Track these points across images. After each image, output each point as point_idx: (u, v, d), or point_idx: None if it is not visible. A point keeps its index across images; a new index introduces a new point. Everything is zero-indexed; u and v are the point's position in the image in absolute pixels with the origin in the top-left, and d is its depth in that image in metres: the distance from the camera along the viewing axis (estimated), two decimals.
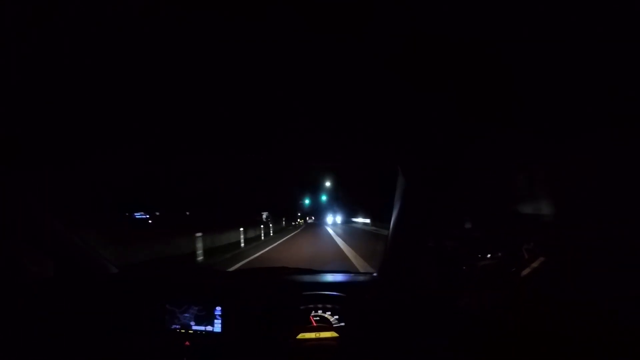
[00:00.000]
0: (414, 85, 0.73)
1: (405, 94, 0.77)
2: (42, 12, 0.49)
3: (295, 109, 0.89)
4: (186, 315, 1.47)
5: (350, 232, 19.85)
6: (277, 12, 0.51)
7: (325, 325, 1.42)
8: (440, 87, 0.72)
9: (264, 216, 22.49)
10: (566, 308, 1.00)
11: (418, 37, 0.55)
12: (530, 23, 0.51)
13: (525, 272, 1.21)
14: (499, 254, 1.33)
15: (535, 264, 1.18)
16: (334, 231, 21.10)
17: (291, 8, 0.50)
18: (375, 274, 1.77)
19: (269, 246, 11.40)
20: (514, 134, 0.94)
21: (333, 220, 45.88)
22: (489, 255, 1.29)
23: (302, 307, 1.44)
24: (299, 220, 44.77)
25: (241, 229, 11.61)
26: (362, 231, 21.67)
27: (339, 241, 12.89)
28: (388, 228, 1.49)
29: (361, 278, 1.74)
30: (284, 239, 14.86)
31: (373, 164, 1.60)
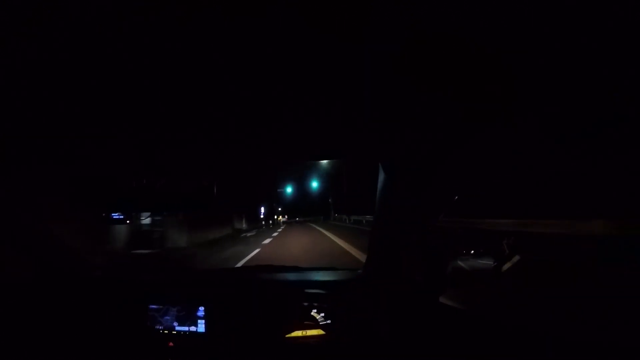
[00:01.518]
0: (398, 81, 0.73)
1: (385, 89, 0.78)
2: (38, 12, 0.48)
3: (276, 104, 0.88)
4: (169, 316, 1.44)
5: None
6: (272, 9, 0.50)
7: (311, 323, 1.41)
8: (423, 82, 0.73)
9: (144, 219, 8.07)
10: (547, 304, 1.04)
11: (410, 36, 0.56)
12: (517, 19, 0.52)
13: (506, 266, 1.25)
14: (481, 250, 1.37)
15: (515, 259, 1.22)
16: None
17: (286, 5, 0.50)
18: (360, 271, 1.78)
19: None
20: (498, 128, 0.95)
21: None
22: (472, 252, 1.32)
23: (288, 305, 1.44)
24: (276, 217, 29.88)
25: None
26: None
27: None
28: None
29: (347, 275, 1.75)
30: None
31: (353, 159, 1.61)
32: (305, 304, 1.44)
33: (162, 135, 1.08)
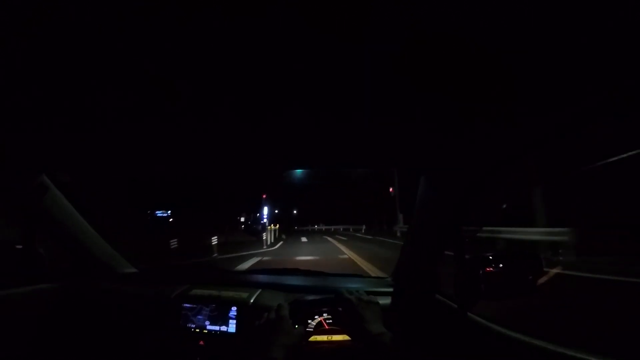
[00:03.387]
0: (433, 87, 0.71)
1: (428, 96, 0.76)
2: (40, 12, 0.51)
3: (298, 110, 0.88)
4: (202, 315, 1.50)
5: None
6: (272, 9, 0.50)
7: (337, 328, 1.42)
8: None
9: None
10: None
11: (421, 36, 0.56)
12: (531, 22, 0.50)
13: (542, 280, 1.18)
14: (516, 261, 1.30)
15: (551, 273, 1.14)
16: None
17: (286, 5, 0.50)
18: (389, 279, 1.76)
19: None
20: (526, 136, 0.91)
21: None
22: (501, 265, 1.26)
23: (315, 310, 1.46)
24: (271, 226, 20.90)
25: None
26: None
27: None
28: None
29: (376, 284, 1.74)
30: None
31: (394, 169, 1.58)
32: (331, 308, 1.46)
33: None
